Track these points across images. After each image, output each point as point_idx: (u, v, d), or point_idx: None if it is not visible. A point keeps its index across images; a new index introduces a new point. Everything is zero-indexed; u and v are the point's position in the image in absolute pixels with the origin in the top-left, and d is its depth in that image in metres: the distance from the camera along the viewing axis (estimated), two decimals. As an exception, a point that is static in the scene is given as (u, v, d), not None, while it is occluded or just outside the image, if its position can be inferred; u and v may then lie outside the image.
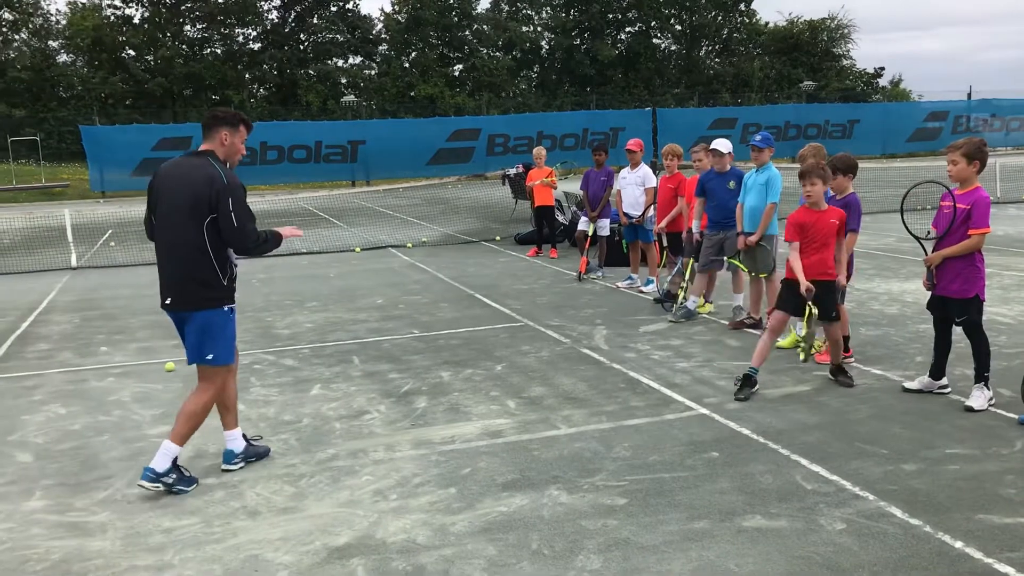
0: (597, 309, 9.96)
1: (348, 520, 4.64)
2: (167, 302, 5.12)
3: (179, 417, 5.16)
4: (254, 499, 4.95)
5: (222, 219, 4.93)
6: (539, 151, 14.69)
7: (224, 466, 5.37)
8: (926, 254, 6.16)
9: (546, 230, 14.64)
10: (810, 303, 6.48)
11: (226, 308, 5.16)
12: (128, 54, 49.94)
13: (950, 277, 6.04)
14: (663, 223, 10.14)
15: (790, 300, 6.66)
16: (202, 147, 5.16)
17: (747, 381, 6.56)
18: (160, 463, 5.02)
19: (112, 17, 50.28)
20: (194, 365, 5.27)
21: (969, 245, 5.93)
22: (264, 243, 5.15)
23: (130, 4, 50.69)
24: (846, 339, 7.24)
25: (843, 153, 7.31)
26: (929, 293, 6.29)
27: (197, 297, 5.05)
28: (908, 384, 6.51)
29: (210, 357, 5.15)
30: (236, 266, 5.22)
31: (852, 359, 7.21)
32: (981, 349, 6.06)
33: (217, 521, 4.68)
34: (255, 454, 5.53)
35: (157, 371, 7.82)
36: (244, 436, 5.54)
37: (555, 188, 14.54)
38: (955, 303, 6.06)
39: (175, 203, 4.99)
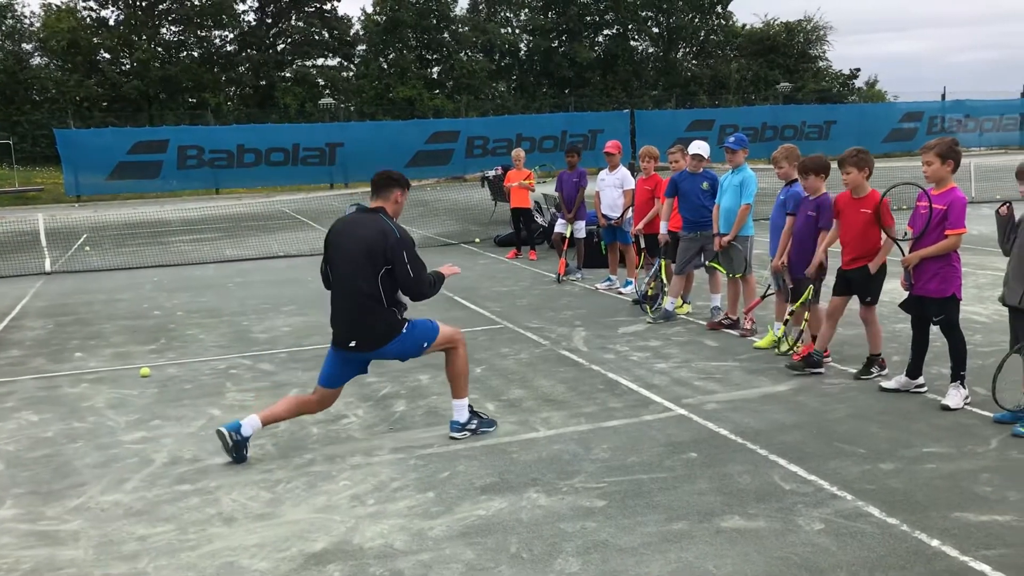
0: (576, 311, 9.96)
1: (325, 526, 4.60)
2: (351, 345, 5.50)
3: (450, 380, 5.81)
4: (230, 505, 4.90)
5: (398, 271, 5.37)
6: (518, 153, 14.66)
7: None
8: (903, 255, 6.19)
9: (524, 232, 14.64)
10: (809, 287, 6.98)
11: (405, 329, 5.55)
12: (103, 57, 49.52)
13: (927, 277, 6.07)
14: (640, 224, 10.15)
15: (837, 283, 6.88)
16: (373, 204, 5.58)
17: (809, 361, 6.98)
18: (460, 415, 5.79)
19: (87, 19, 49.85)
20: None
21: (946, 245, 5.97)
22: (433, 286, 5.58)
23: (106, 6, 50.27)
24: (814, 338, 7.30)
25: (816, 154, 7.34)
26: (905, 293, 6.33)
27: (381, 336, 5.49)
28: (885, 383, 6.54)
29: (426, 345, 5.63)
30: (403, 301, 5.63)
31: (829, 359, 7.23)
32: (958, 348, 6.09)
33: (192, 528, 4.63)
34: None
35: (132, 377, 7.74)
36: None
37: (533, 191, 14.52)
38: (933, 302, 6.09)
39: (353, 254, 5.40)
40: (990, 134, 45.54)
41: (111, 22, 50.50)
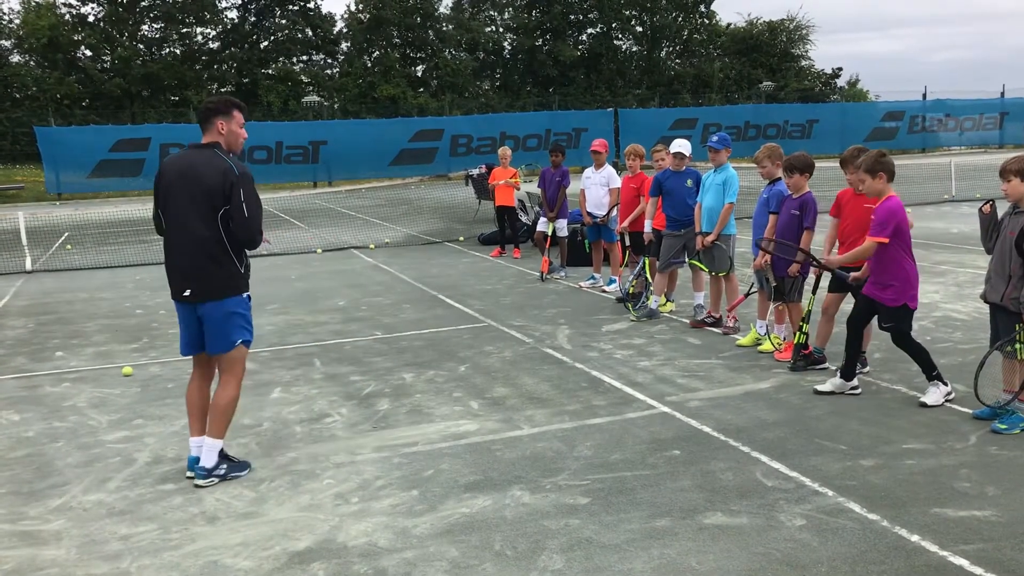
0: (560, 309, 9.98)
1: (309, 524, 4.60)
2: (185, 294, 5.14)
3: (212, 414, 5.21)
4: (213, 504, 4.89)
5: (234, 209, 4.96)
6: (504, 151, 14.70)
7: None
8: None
9: (508, 230, 14.66)
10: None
11: (245, 295, 5.22)
12: (84, 54, 49.15)
13: (885, 281, 6.08)
14: (626, 223, 10.18)
15: (833, 281, 6.93)
16: (204, 140, 5.16)
17: (809, 356, 7.04)
18: (208, 459, 5.15)
19: (68, 16, 49.45)
20: (193, 360, 5.31)
21: (863, 251, 6.10)
22: (259, 235, 5.14)
23: (86, 3, 49.90)
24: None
25: (799, 152, 7.38)
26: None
27: (219, 286, 5.10)
28: (820, 387, 6.48)
29: (239, 341, 5.20)
30: (248, 256, 5.25)
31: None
32: (917, 354, 6.13)
33: (175, 527, 4.61)
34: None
35: (114, 376, 7.70)
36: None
37: (518, 189, 14.55)
38: (884, 309, 6.12)
39: (189, 196, 5.01)
40: (970, 133, 45.86)
41: (92, 19, 50.12)
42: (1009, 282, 5.52)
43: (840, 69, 59.30)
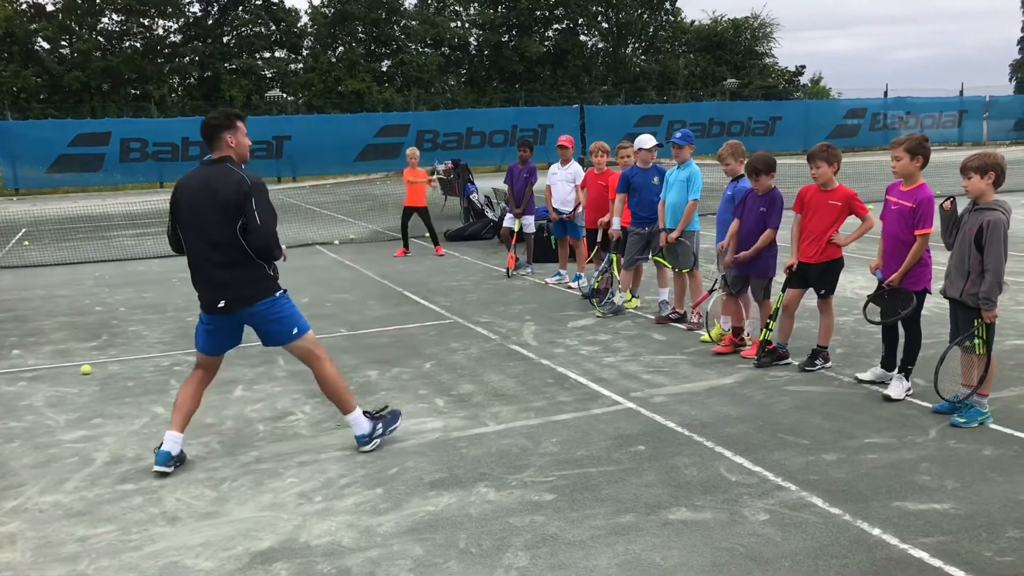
0: (526, 305, 9.97)
1: (271, 524, 4.54)
2: (220, 306, 5.20)
3: (331, 399, 5.51)
4: (174, 504, 4.82)
5: (248, 218, 5.03)
6: (412, 151, 14.64)
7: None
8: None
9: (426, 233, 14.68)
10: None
11: (279, 293, 5.28)
12: (42, 46, 48.22)
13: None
14: (607, 217, 10.07)
15: (792, 276, 6.97)
16: (214, 156, 5.23)
17: (773, 352, 7.07)
18: (360, 429, 5.46)
19: (24, 6, 48.48)
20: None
21: (918, 249, 6.12)
22: (277, 246, 5.23)
23: (43, -7, 48.93)
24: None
25: (761, 153, 7.43)
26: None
27: (253, 291, 5.19)
28: (861, 375, 6.66)
29: (296, 332, 5.31)
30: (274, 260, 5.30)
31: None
32: (914, 341, 6.25)
33: (135, 528, 4.54)
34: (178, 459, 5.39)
35: (72, 374, 7.57)
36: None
37: (433, 188, 14.61)
38: (906, 294, 6.18)
39: (207, 212, 5.07)
40: (930, 131, 46.36)
41: (49, 8, 49.18)
42: (968, 278, 5.59)
43: (803, 67, 59.73)
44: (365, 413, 5.55)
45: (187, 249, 5.28)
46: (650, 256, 9.10)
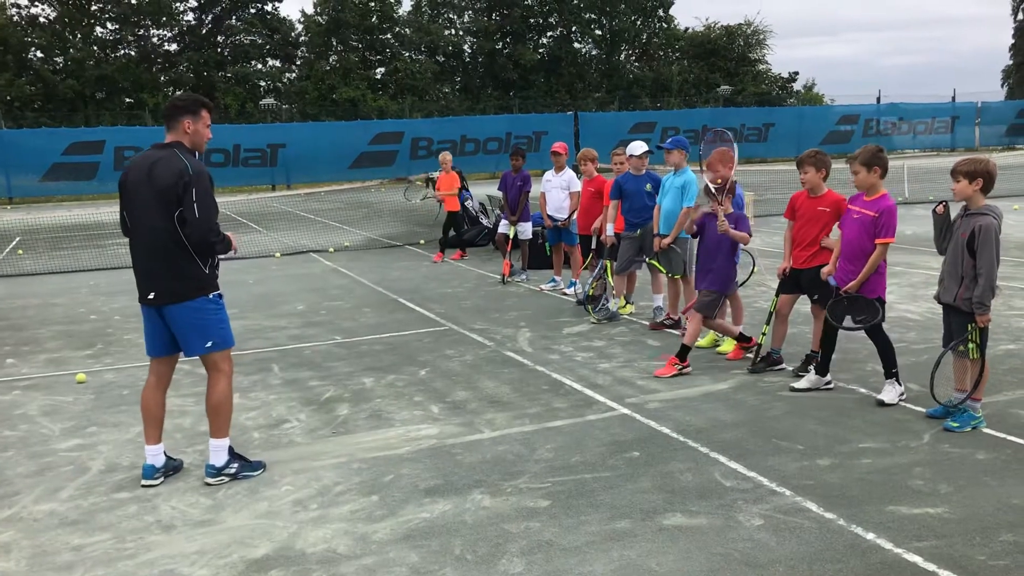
0: (521, 312, 9.98)
1: (267, 531, 4.54)
2: (150, 297, 5.04)
3: (209, 416, 5.22)
4: (169, 512, 4.82)
5: (186, 209, 4.85)
6: (445, 156, 14.96)
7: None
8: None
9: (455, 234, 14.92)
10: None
11: (211, 295, 5.10)
12: (36, 55, 48.18)
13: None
14: (596, 223, 10.08)
15: (785, 282, 7.01)
16: (167, 139, 5.07)
17: (768, 358, 7.09)
18: (217, 458, 5.17)
19: (16, 16, 48.44)
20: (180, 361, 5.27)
21: (877, 257, 6.16)
22: (220, 239, 5.03)
23: (36, 3, 48.90)
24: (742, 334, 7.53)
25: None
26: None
27: (181, 288, 5.00)
28: (796, 384, 6.66)
29: (209, 345, 5.11)
30: (217, 255, 5.14)
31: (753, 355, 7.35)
32: (884, 348, 6.27)
33: (130, 536, 4.53)
34: (173, 468, 5.38)
35: (68, 383, 7.56)
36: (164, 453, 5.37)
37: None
38: (863, 301, 6.21)
39: (146, 197, 4.93)
40: (923, 136, 46.67)
41: (43, 19, 49.16)
42: (961, 283, 5.62)
43: (796, 73, 60.11)
44: (231, 450, 5.29)
45: (130, 234, 5.13)
46: (646, 260, 9.12)
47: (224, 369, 5.22)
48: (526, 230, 12.26)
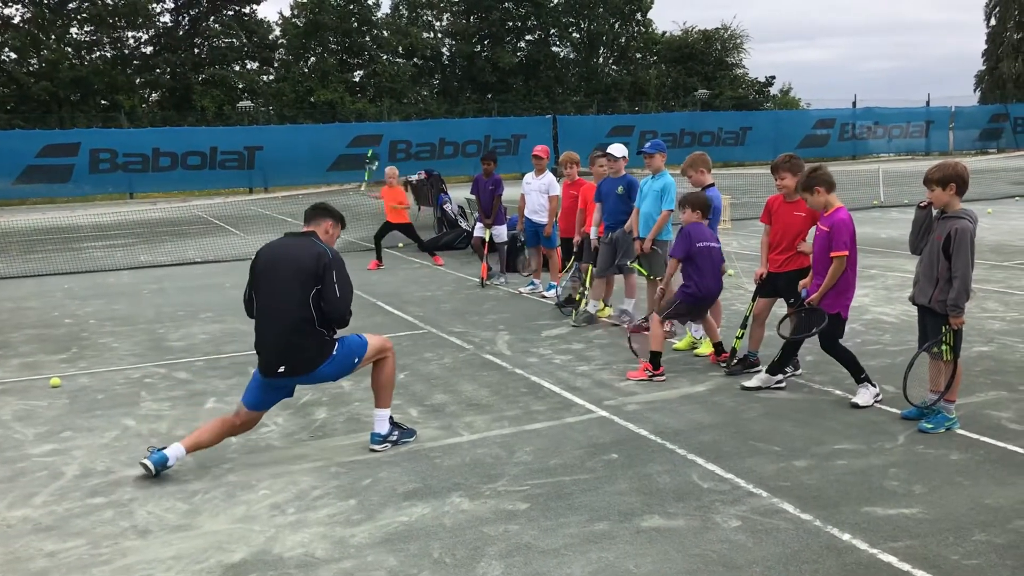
0: (500, 315, 9.99)
1: (244, 536, 4.52)
2: (280, 370, 5.33)
3: (377, 390, 5.68)
4: (145, 518, 4.78)
5: (326, 289, 5.25)
6: (391, 171, 14.60)
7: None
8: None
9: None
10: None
11: (335, 348, 5.44)
12: (9, 56, 47.65)
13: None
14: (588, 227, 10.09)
15: (762, 286, 7.06)
16: (304, 229, 5.57)
17: (744, 360, 7.11)
18: (381, 426, 5.66)
19: (-11, 17, 47.89)
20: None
21: (835, 271, 6.21)
22: (349, 314, 5.44)
23: (9, 4, 48.38)
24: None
25: (694, 194, 7.54)
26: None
27: (313, 356, 5.35)
28: (746, 383, 6.76)
29: (356, 361, 5.52)
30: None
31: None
32: (845, 359, 6.32)
33: (105, 542, 4.49)
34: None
35: (42, 387, 7.48)
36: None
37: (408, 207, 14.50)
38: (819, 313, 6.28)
39: (284, 277, 5.29)
40: (898, 140, 47.12)
41: (16, 20, 48.64)
42: (936, 285, 5.67)
43: (773, 78, 60.38)
44: (391, 419, 5.74)
45: (257, 311, 5.44)
46: (628, 263, 9.14)
47: (385, 351, 5.64)
48: (501, 233, 12.27)
